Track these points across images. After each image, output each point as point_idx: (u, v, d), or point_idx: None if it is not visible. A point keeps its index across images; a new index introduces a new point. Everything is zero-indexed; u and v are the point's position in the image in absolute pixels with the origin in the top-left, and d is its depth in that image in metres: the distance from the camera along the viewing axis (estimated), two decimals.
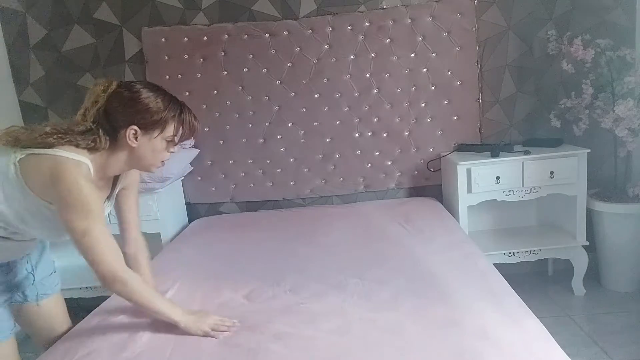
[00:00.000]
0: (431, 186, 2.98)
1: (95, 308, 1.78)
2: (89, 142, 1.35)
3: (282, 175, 2.99)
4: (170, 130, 1.41)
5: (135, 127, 1.36)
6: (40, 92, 2.92)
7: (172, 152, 1.47)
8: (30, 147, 1.33)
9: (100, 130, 1.36)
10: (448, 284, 1.71)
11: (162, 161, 1.47)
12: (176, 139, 1.44)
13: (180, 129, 1.43)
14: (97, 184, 1.40)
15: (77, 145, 1.34)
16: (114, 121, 1.37)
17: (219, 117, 2.93)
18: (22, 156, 1.32)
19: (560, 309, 2.56)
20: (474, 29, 2.80)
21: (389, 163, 2.96)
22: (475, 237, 2.60)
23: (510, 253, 2.63)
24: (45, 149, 1.32)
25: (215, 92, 2.90)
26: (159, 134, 1.40)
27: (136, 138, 1.38)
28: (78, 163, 1.32)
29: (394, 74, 2.84)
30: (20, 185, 1.32)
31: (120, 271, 1.37)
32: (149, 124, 1.37)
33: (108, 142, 1.37)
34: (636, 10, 2.74)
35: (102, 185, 1.46)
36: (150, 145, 1.40)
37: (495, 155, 2.58)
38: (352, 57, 2.83)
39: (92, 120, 1.36)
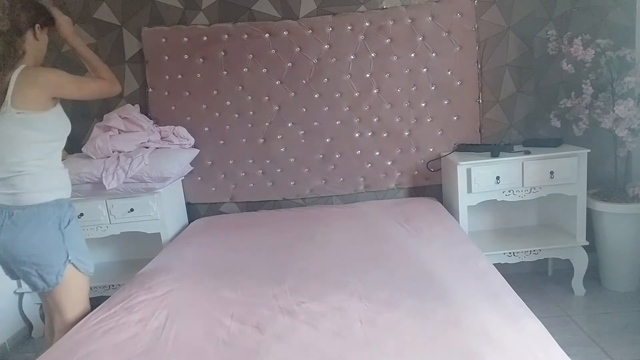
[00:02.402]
0: (431, 186, 2.98)
1: (95, 308, 1.78)
2: (17, 59, 1.71)
3: (282, 175, 2.99)
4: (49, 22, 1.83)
5: (38, 24, 1.76)
6: None
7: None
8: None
9: (17, 43, 1.71)
10: (448, 283, 1.71)
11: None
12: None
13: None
14: None
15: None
16: (20, 26, 1.72)
17: (219, 117, 2.93)
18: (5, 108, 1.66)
19: (560, 309, 2.56)
20: (474, 29, 2.80)
21: (389, 163, 2.96)
22: (475, 237, 2.60)
23: (510, 253, 2.63)
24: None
25: (215, 92, 2.90)
26: (46, 26, 1.82)
27: (40, 33, 1.77)
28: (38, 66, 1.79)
29: (394, 74, 2.85)
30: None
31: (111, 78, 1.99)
32: (47, 19, 1.81)
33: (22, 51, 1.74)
34: (636, 10, 2.74)
35: None
36: (45, 36, 1.83)
37: (495, 155, 2.58)
38: (352, 57, 2.83)
39: (16, 35, 1.71)
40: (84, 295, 1.86)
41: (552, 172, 2.54)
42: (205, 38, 2.83)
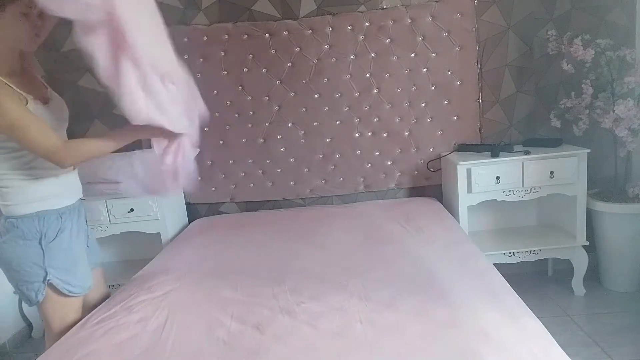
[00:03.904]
0: (431, 186, 2.98)
1: (95, 308, 1.78)
2: None
3: (282, 175, 2.99)
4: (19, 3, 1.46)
5: None
6: None
7: (37, 25, 1.52)
8: None
9: None
10: (448, 284, 1.71)
11: (37, 35, 1.55)
12: (29, 4, 1.47)
13: None
14: (21, 83, 1.55)
15: None
16: None
17: (219, 117, 2.92)
18: None
19: (560, 309, 2.56)
20: (474, 29, 2.80)
21: (389, 163, 2.96)
22: (475, 237, 2.60)
23: (510, 253, 2.63)
24: None
25: (215, 92, 2.90)
26: (13, 6, 1.45)
27: None
28: None
29: (394, 74, 2.85)
30: None
31: (56, 141, 1.49)
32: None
33: None
34: (636, 10, 2.74)
35: (27, 82, 1.62)
36: (12, 18, 1.47)
37: (495, 155, 2.58)
38: (352, 57, 2.83)
39: None
40: (72, 310, 1.72)
41: (552, 172, 2.54)
42: (205, 38, 2.83)
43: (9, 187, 1.58)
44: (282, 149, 2.96)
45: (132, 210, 2.60)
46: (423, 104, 2.88)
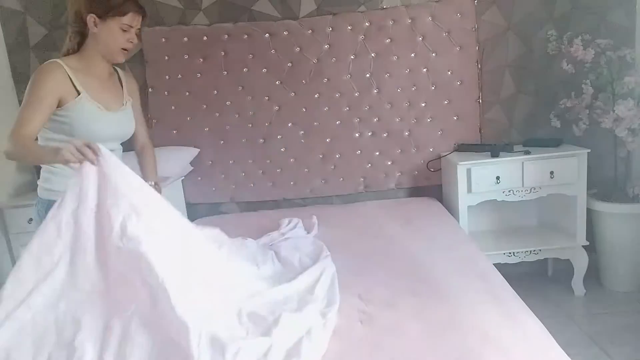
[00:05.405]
0: (431, 186, 2.98)
1: None
2: (66, 47, 1.68)
3: (282, 175, 2.99)
4: (125, 18, 1.62)
5: (94, 15, 1.60)
6: None
7: (132, 42, 1.68)
8: None
9: (70, 31, 1.66)
10: (448, 284, 1.71)
11: (124, 49, 1.70)
12: (129, 23, 1.64)
13: (131, 14, 1.63)
14: (91, 83, 1.67)
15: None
16: (79, 15, 1.62)
17: (219, 117, 2.92)
18: None
19: (560, 309, 2.56)
20: (474, 29, 2.80)
21: (389, 163, 2.96)
22: (475, 237, 2.60)
23: (510, 253, 2.63)
24: None
25: (215, 92, 2.90)
26: (113, 20, 1.61)
27: (96, 24, 1.61)
28: (49, 63, 1.61)
29: (394, 74, 2.84)
30: None
31: (21, 129, 1.54)
32: (104, 10, 1.60)
33: (77, 40, 1.66)
34: (636, 10, 2.74)
35: (100, 85, 1.71)
36: (108, 30, 1.63)
37: (495, 155, 2.58)
38: (352, 57, 2.83)
39: (70, 23, 1.66)
40: None
41: (552, 172, 2.54)
42: (205, 38, 2.83)
43: (52, 171, 1.68)
44: (282, 149, 2.96)
45: None
46: (423, 104, 2.88)
